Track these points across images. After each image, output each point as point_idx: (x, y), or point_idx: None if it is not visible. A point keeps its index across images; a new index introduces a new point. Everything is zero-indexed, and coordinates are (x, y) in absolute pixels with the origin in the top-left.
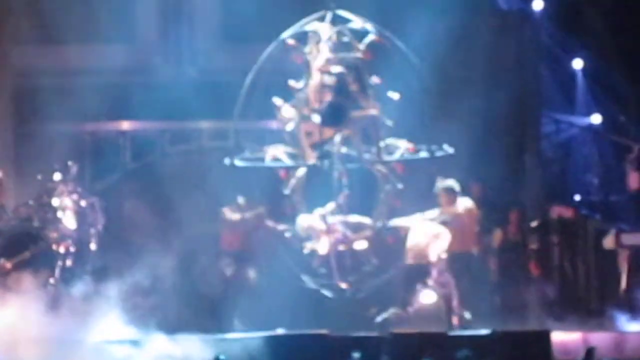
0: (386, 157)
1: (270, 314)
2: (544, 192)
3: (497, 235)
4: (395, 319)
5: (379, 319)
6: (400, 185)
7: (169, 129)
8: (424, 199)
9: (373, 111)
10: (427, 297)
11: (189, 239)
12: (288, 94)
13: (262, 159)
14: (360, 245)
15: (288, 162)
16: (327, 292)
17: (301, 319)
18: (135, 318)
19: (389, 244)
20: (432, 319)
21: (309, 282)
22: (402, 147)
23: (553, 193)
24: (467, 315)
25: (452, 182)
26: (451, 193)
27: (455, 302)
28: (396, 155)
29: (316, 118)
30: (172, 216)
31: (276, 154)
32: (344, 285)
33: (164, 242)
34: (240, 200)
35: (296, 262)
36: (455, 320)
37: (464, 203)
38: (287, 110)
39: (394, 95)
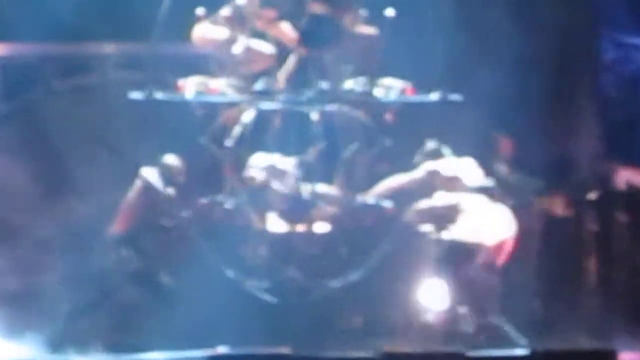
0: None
1: (205, 325)
2: (605, 149)
3: (537, 211)
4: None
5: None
6: (388, 142)
7: (56, 54)
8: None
9: (370, 30)
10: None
11: (84, 216)
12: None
13: (201, 94)
14: (323, 227)
15: (238, 97)
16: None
17: (250, 331)
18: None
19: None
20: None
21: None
22: (395, 87)
23: (618, 150)
24: (501, 325)
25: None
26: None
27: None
28: (392, 96)
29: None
30: (61, 182)
31: (219, 86)
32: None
33: (49, 221)
34: (171, 159)
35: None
36: (479, 332)
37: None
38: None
39: (389, 12)
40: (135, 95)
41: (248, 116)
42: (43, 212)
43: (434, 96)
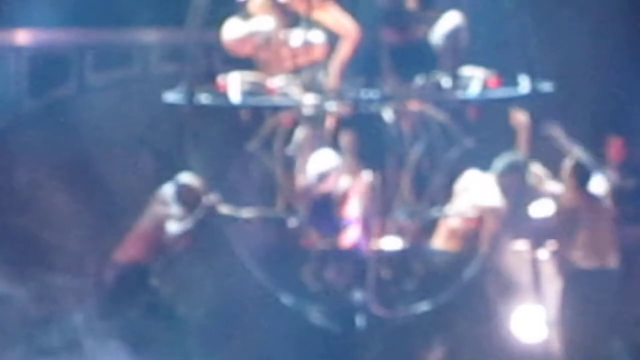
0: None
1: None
2: None
3: None
4: None
5: None
6: (469, 142)
7: (91, 43)
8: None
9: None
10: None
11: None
12: None
13: (251, 94)
14: (396, 244)
15: (309, 100)
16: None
17: None
18: None
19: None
20: None
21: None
22: (477, 77)
23: None
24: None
25: None
26: None
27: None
28: (474, 89)
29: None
30: (94, 191)
31: (282, 86)
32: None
33: (86, 237)
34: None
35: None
36: None
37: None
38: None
39: None
40: (173, 97)
41: (308, 118)
42: (77, 226)
43: (523, 88)
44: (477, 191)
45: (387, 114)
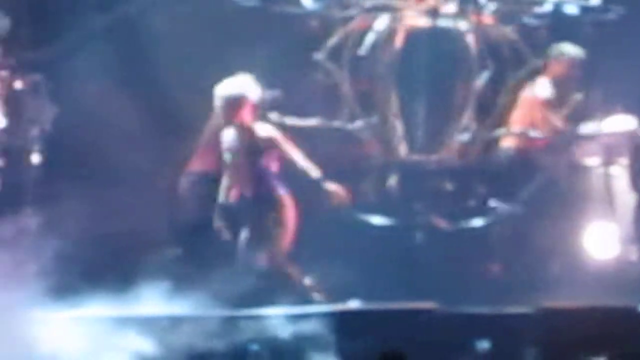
0: None
1: (328, 273)
2: None
3: None
4: None
5: None
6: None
7: None
8: None
9: None
10: None
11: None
12: None
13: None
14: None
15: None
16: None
17: (377, 279)
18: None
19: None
20: None
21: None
22: None
23: None
24: None
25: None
26: None
27: None
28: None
29: None
30: (173, 109)
31: None
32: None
33: (157, 155)
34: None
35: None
36: None
37: None
38: None
39: None
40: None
41: (379, 27)
42: (150, 144)
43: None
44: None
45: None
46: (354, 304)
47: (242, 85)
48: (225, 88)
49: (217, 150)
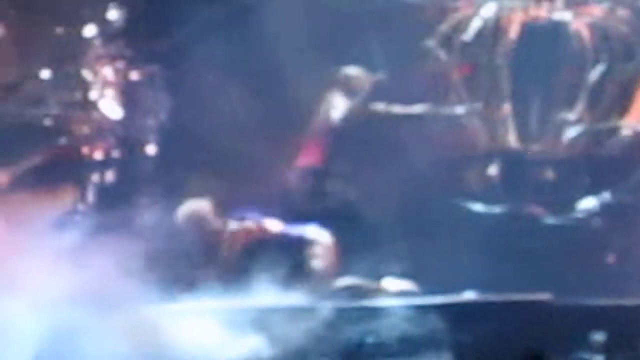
0: None
1: (435, 264)
2: None
3: None
4: None
5: None
6: None
7: None
8: None
9: None
10: None
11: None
12: None
13: None
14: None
15: None
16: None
17: (488, 274)
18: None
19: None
20: None
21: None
22: None
23: None
24: None
25: None
26: None
27: None
28: None
29: None
30: (289, 99)
31: None
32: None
33: (273, 146)
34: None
35: None
36: None
37: None
38: None
39: None
40: None
41: (486, 14)
42: (262, 142)
43: None
44: None
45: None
46: (469, 295)
47: None
48: None
49: (323, 143)
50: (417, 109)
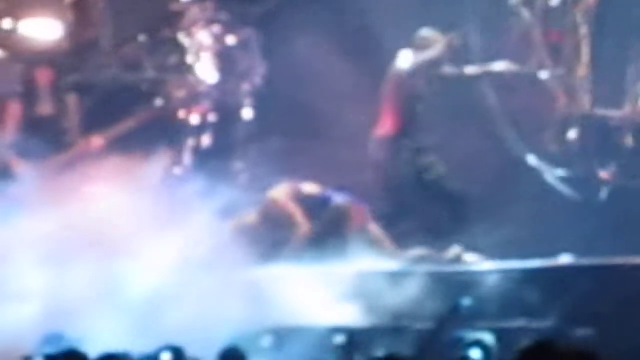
0: None
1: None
2: None
3: None
4: None
5: None
6: None
7: None
8: None
9: None
10: None
11: None
12: None
13: None
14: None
15: None
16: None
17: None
18: None
19: None
20: None
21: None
22: None
23: None
24: None
25: None
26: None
27: None
28: None
29: None
30: (381, 64)
31: None
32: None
33: (366, 110)
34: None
35: None
36: None
37: None
38: None
39: None
40: None
41: None
42: (355, 106)
43: None
44: None
45: None
46: (565, 259)
47: None
48: None
49: (397, 110)
50: (498, 66)
